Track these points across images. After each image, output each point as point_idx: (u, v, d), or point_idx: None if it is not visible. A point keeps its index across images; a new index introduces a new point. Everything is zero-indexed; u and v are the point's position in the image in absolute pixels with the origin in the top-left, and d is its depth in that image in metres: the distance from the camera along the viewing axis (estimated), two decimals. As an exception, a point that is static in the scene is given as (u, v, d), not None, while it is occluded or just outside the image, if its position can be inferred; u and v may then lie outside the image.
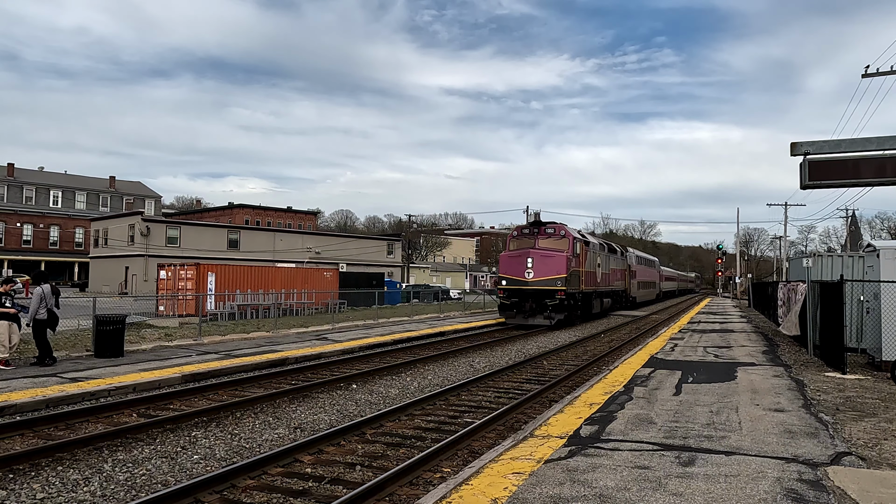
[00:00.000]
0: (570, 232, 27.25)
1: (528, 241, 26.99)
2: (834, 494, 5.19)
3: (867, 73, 24.20)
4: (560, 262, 25.37)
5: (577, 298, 27.09)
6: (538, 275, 25.45)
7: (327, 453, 7.63)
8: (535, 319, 25.60)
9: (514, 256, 26.29)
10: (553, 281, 25.19)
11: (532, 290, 25.57)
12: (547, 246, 26.29)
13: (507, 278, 26.05)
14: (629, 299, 43.10)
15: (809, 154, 12.80)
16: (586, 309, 29.60)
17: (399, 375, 13.48)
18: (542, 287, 25.40)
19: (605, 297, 33.98)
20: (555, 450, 6.51)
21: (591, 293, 29.99)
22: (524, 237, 27.52)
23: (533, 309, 25.60)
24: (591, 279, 30.13)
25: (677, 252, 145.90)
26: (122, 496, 6.08)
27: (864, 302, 14.12)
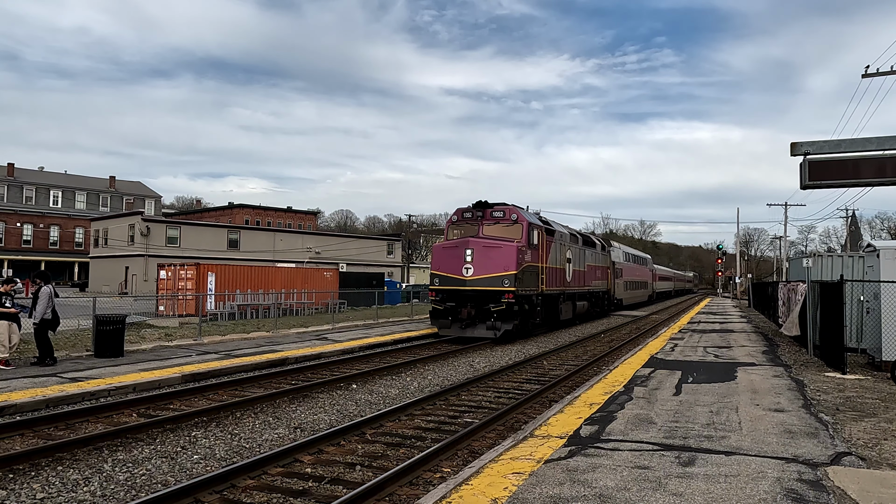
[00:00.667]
0: (524, 216, 21.39)
1: (470, 228, 21.27)
2: (834, 494, 5.19)
3: (867, 73, 24.20)
4: (508, 255, 19.76)
5: (534, 302, 21.72)
6: (480, 271, 19.77)
7: (327, 453, 7.63)
8: (476, 330, 19.87)
9: (450, 248, 20.49)
10: (498, 279, 19.64)
11: (471, 292, 19.85)
12: (493, 234, 20.76)
13: (440, 276, 20.40)
14: (613, 302, 37.82)
15: (809, 154, 12.80)
16: (550, 315, 24.35)
17: (399, 375, 13.47)
18: (483, 287, 19.75)
19: (580, 300, 28.86)
20: (555, 450, 6.51)
21: (556, 295, 24.58)
22: (466, 223, 21.55)
23: (472, 316, 19.89)
24: (557, 277, 24.71)
25: (677, 252, 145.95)
26: (122, 496, 6.08)
27: (864, 302, 14.12)
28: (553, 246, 24.11)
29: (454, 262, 20.15)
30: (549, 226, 24.43)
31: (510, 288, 19.56)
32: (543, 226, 23.20)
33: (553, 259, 24.03)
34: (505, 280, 19.61)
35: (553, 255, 24.04)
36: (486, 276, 19.72)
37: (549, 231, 23.87)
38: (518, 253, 19.97)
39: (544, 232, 23.00)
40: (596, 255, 32.67)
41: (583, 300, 29.42)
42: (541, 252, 22.22)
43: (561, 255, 25.34)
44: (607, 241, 38.83)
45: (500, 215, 21.11)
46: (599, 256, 33.58)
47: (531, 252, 21.23)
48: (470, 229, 21.28)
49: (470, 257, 19.94)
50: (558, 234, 25.35)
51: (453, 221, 21.95)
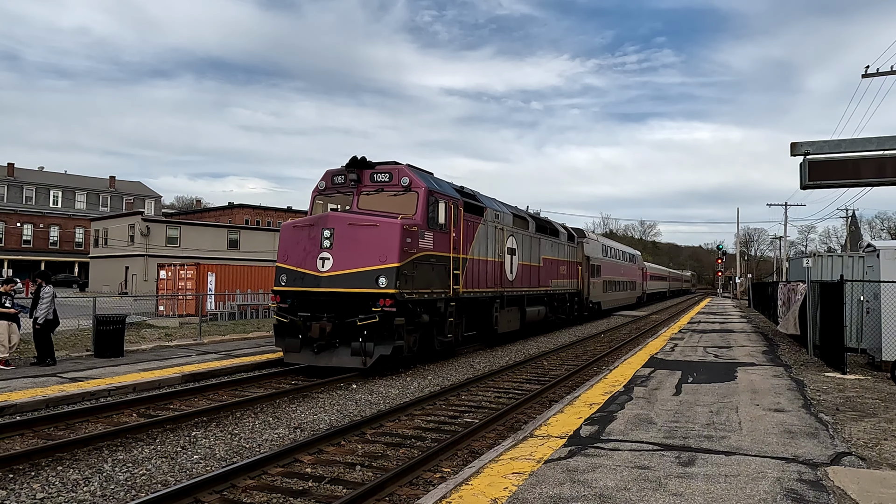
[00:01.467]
0: (422, 180, 14.33)
1: (343, 199, 14.65)
2: (834, 494, 5.19)
3: (867, 74, 24.20)
4: (387, 238, 12.89)
5: (440, 310, 14.89)
6: (342, 264, 12.87)
7: (327, 453, 7.63)
8: (336, 356, 12.87)
9: (302, 229, 13.56)
10: (368, 276, 12.73)
11: (326, 297, 12.92)
12: (375, 208, 14.04)
13: (287, 271, 13.44)
14: (588, 305, 31.08)
15: (809, 154, 12.80)
16: (480, 325, 18.00)
17: (399, 375, 13.47)
18: (346, 289, 12.82)
19: (533, 305, 22.15)
20: (555, 450, 6.51)
21: (487, 299, 17.86)
22: (338, 192, 14.76)
23: (328, 334, 12.70)
24: (490, 274, 17.93)
25: (677, 252, 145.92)
26: (122, 496, 6.07)
27: (864, 302, 14.12)
28: (481, 229, 17.36)
29: (306, 251, 13.24)
30: (474, 200, 17.41)
31: (388, 290, 12.60)
32: (457, 197, 15.91)
33: (480, 248, 17.29)
34: (380, 277, 12.67)
35: (480, 241, 17.29)
36: (350, 271, 12.81)
37: (472, 207, 16.91)
38: (403, 235, 13.00)
39: (462, 208, 15.92)
40: (559, 248, 26.05)
41: (537, 305, 22.66)
42: (456, 236, 15.43)
43: (496, 244, 18.49)
44: (579, 231, 31.71)
45: (385, 179, 14.24)
46: (565, 249, 27.10)
47: (434, 235, 14.34)
48: (341, 199, 14.65)
49: (328, 242, 12.98)
50: (491, 214, 18.23)
51: (321, 190, 14.96)
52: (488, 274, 17.89)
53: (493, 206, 18.91)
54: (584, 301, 30.34)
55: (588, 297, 31.08)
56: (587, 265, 30.93)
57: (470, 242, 16.52)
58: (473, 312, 17.46)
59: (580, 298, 29.81)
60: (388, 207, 13.94)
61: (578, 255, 29.64)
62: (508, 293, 19.59)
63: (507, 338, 20.96)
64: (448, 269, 15.07)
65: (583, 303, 30.24)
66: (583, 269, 30.09)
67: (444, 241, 14.91)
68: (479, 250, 17.29)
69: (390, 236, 12.99)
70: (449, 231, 15.16)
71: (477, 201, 17.64)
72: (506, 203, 21.10)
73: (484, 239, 17.65)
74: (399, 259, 12.87)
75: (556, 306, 25.82)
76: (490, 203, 18.86)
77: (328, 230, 13.15)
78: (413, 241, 13.44)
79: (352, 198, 14.42)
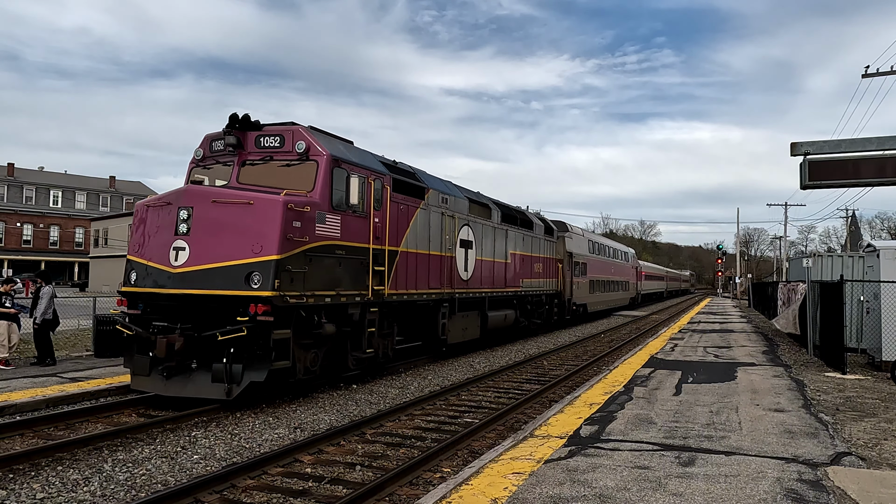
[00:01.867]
0: (322, 146, 10.98)
1: (223, 171, 11.50)
2: (834, 494, 5.19)
3: (867, 74, 24.20)
4: (264, 221, 9.71)
5: (351, 319, 11.51)
6: (200, 256, 9.73)
7: (327, 453, 7.63)
8: (193, 383, 9.62)
9: (156, 209, 10.37)
10: (232, 272, 9.56)
11: (178, 301, 9.74)
12: (259, 182, 10.79)
13: (136, 265, 10.27)
14: (571, 308, 27.88)
15: (809, 154, 12.81)
16: (424, 334, 15.15)
17: (399, 375, 13.47)
18: (202, 291, 9.64)
19: (499, 308, 18.90)
20: (555, 450, 6.51)
21: (431, 303, 14.55)
22: (218, 160, 11.54)
23: (180, 352, 9.49)
24: (435, 271, 14.59)
25: (677, 252, 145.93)
26: (122, 496, 6.08)
27: (864, 302, 14.12)
28: (421, 215, 13.90)
29: (159, 239, 10.02)
30: (410, 178, 13.75)
31: (261, 292, 9.36)
32: (391, 175, 12.64)
33: (419, 238, 13.81)
34: (253, 274, 9.46)
35: (420, 230, 13.83)
36: (210, 265, 9.58)
37: (407, 187, 13.36)
38: (289, 217, 9.69)
39: (389, 186, 12.45)
40: (534, 242, 22.68)
41: (503, 308, 19.35)
42: (379, 222, 12.01)
43: (442, 234, 14.96)
44: (561, 226, 27.89)
45: (275, 144, 10.87)
46: (542, 244, 23.62)
47: (344, 220, 10.90)
48: (225, 173, 11.33)
49: (185, 227, 9.77)
50: (436, 197, 14.70)
51: (198, 160, 11.69)
52: (431, 271, 14.46)
53: (440, 188, 15.44)
54: (565, 303, 27.00)
55: (571, 299, 27.83)
56: (570, 263, 27.81)
57: (403, 231, 13.11)
58: (411, 319, 14.34)
59: (561, 300, 26.43)
60: (279, 181, 10.49)
61: (559, 252, 26.43)
62: (462, 295, 16.24)
63: (464, 349, 17.53)
64: (366, 265, 11.58)
65: (564, 305, 26.93)
66: (564, 266, 26.87)
67: (359, 228, 11.42)
68: (418, 241, 13.83)
69: (268, 218, 9.54)
70: (368, 215, 11.73)
71: (416, 180, 14.09)
72: (462, 186, 17.80)
73: (425, 227, 14.20)
74: (280, 250, 9.44)
75: (531, 310, 22.62)
76: (435, 183, 15.39)
77: (185, 210, 9.74)
78: (305, 225, 9.97)
79: (231, 169, 11.07)
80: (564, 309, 26.96)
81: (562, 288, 26.41)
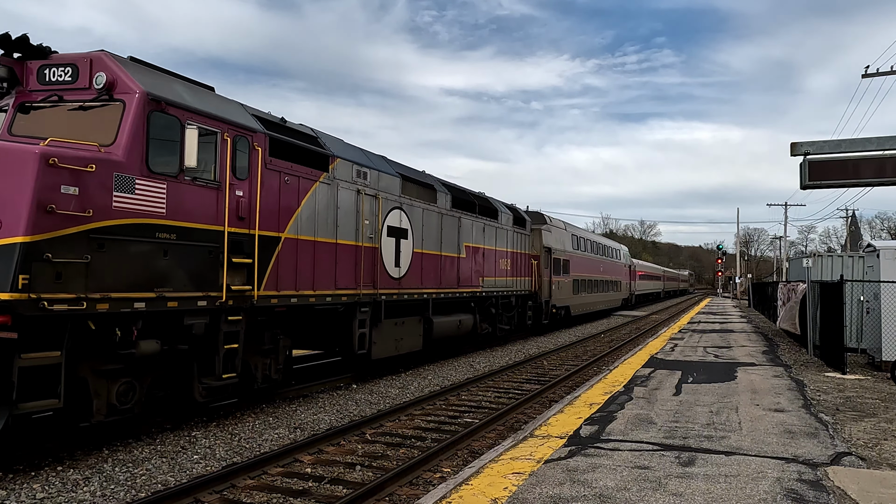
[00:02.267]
0: (133, 80, 7.60)
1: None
2: (834, 494, 5.19)
3: (867, 74, 24.19)
4: (10, 183, 6.34)
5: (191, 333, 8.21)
6: None
7: (327, 453, 7.63)
8: None
9: None
10: None
11: None
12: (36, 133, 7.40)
13: None
14: (549, 311, 24.57)
15: (809, 154, 12.81)
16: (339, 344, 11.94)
17: (399, 375, 13.48)
18: None
19: (452, 314, 15.81)
20: (555, 450, 6.51)
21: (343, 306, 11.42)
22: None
23: None
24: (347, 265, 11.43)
25: (677, 252, 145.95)
26: (122, 496, 6.08)
27: (864, 302, 14.13)
28: (323, 192, 10.73)
29: None
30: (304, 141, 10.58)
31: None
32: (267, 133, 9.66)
33: (320, 221, 10.67)
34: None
35: (320, 211, 10.66)
36: None
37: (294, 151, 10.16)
38: (48, 176, 6.53)
39: (264, 148, 9.48)
40: (500, 234, 19.39)
41: (456, 313, 16.11)
42: (244, 196, 9.02)
43: (359, 218, 11.74)
44: (537, 217, 24.93)
45: (67, 78, 7.85)
46: (510, 236, 20.33)
47: (175, 189, 7.95)
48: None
49: None
50: (346, 169, 11.39)
51: None
52: (340, 266, 11.06)
53: (356, 159, 11.74)
54: (542, 305, 23.81)
55: (550, 301, 24.56)
56: (548, 259, 24.58)
57: (290, 211, 9.77)
58: (313, 330, 11.34)
59: (537, 302, 23.30)
60: (72, 131, 7.43)
61: (534, 246, 23.27)
62: (390, 297, 12.79)
63: (399, 364, 14.24)
64: (219, 256, 8.45)
65: (541, 308, 23.74)
66: (540, 263, 23.63)
67: (204, 204, 8.32)
68: (317, 226, 10.48)
69: (13, 180, 6.45)
70: (222, 186, 8.58)
71: (316, 145, 10.67)
72: (391, 160, 14.00)
73: (329, 208, 10.83)
74: (31, 227, 6.36)
75: (497, 314, 19.25)
76: (349, 153, 11.73)
77: None
78: (90, 193, 6.88)
79: (7, 115, 7.82)
80: (542, 312, 23.82)
81: (538, 288, 23.26)
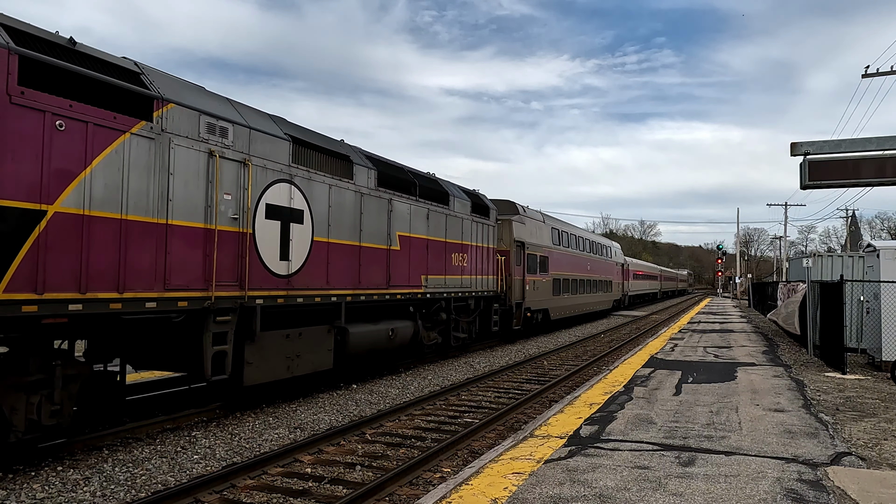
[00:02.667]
0: None
1: None
2: (834, 494, 5.19)
3: (867, 74, 24.20)
4: None
5: None
6: None
7: (327, 453, 7.63)
8: None
9: None
10: None
11: None
12: None
13: None
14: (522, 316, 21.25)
15: (809, 154, 12.81)
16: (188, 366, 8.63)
17: (399, 375, 13.48)
18: None
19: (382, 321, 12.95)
20: (555, 450, 6.51)
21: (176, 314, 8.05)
22: None
23: None
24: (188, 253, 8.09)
25: (677, 252, 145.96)
26: (122, 496, 6.08)
27: (864, 302, 14.13)
28: (138, 149, 7.54)
29: None
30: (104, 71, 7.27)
31: None
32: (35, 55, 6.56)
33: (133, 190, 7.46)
34: None
35: (134, 175, 7.46)
36: None
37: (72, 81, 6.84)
38: None
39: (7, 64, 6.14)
40: (452, 222, 16.04)
41: (388, 319, 13.17)
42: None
43: (213, 189, 8.56)
44: (507, 206, 21.52)
45: None
46: (467, 226, 16.92)
47: None
48: None
49: None
50: (185, 119, 8.15)
51: None
52: (175, 256, 7.98)
53: (204, 107, 8.54)
54: (512, 308, 20.43)
55: (523, 304, 21.22)
56: (520, 255, 21.25)
57: (72, 174, 6.71)
58: (146, 346, 8.84)
59: (506, 305, 20.05)
60: None
61: (503, 240, 20.23)
62: (273, 300, 9.60)
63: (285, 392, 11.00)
64: None
65: (512, 311, 20.41)
66: (510, 260, 20.46)
67: None
68: (126, 198, 7.37)
69: None
70: None
71: (137, 83, 7.68)
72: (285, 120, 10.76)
73: (153, 173, 7.74)
74: None
75: (449, 319, 15.96)
76: (191, 97, 8.49)
77: None
78: None
79: None
80: (511, 316, 20.46)
81: (506, 288, 19.98)
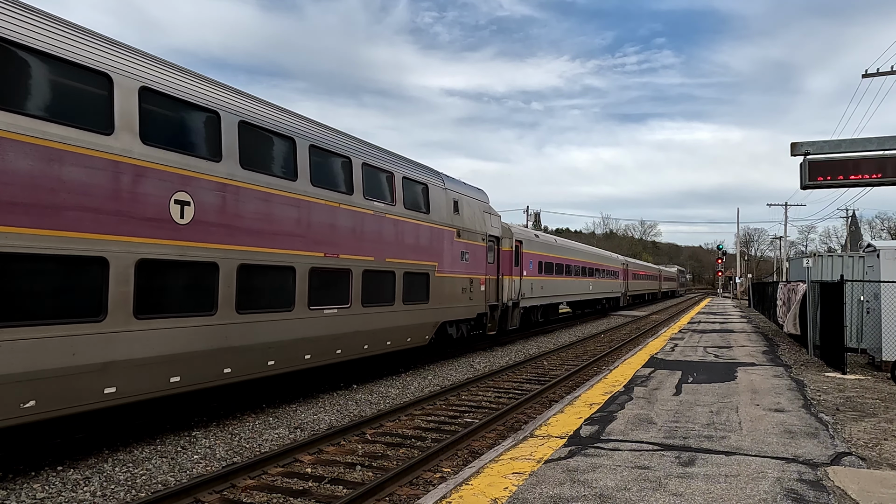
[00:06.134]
0: None
1: None
2: (834, 494, 5.19)
3: (867, 74, 24.20)
4: None
5: None
6: None
7: (327, 453, 7.63)
8: None
9: None
10: None
11: None
12: None
13: None
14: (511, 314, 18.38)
15: (809, 154, 12.80)
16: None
17: (399, 375, 13.47)
18: None
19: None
20: (555, 450, 6.51)
21: None
22: None
23: None
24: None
25: (677, 252, 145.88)
26: (122, 496, 6.07)
27: (864, 302, 14.12)
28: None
29: None
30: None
31: None
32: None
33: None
34: None
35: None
36: None
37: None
38: None
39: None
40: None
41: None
42: None
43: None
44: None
45: None
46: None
47: None
48: None
49: None
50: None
51: None
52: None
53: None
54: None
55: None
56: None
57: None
58: None
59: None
60: None
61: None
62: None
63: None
64: None
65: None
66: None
67: None
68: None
69: None
70: None
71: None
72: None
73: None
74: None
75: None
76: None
77: None
78: None
79: None
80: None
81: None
